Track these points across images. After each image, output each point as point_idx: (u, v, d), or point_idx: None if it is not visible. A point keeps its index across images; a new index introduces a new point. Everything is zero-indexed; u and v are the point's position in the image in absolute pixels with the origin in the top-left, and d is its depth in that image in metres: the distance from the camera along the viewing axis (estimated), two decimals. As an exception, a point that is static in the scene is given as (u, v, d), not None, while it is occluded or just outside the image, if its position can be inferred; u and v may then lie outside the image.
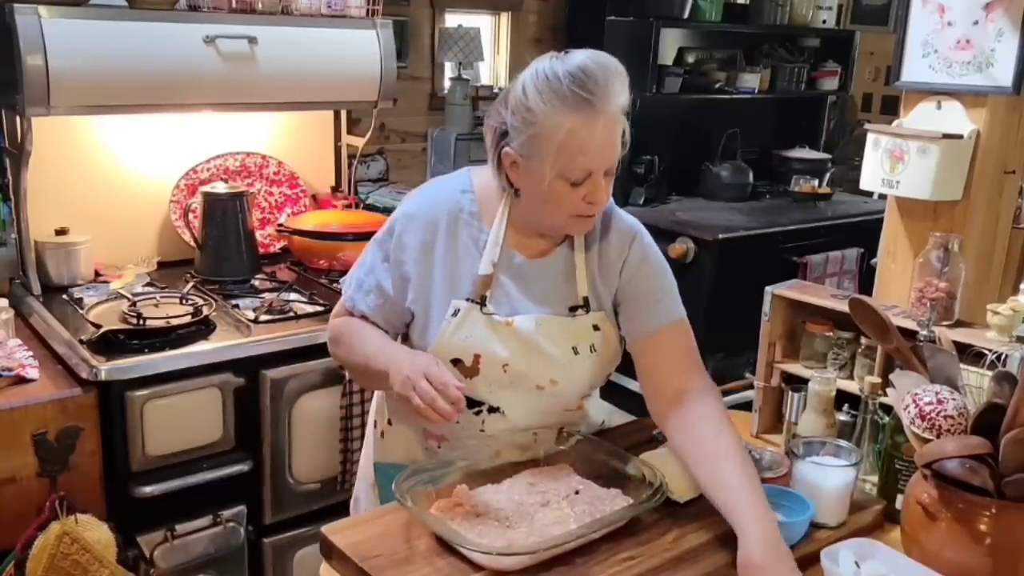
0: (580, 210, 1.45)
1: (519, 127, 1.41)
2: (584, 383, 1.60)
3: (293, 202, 2.95)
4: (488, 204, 1.54)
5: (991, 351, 1.46)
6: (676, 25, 4.30)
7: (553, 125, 1.37)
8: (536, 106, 1.38)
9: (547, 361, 1.54)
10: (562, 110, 1.36)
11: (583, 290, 1.56)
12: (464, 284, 1.51)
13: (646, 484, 1.46)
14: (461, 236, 1.53)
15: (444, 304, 1.51)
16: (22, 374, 2.04)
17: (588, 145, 1.38)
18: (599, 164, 1.41)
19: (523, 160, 1.43)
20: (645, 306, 1.57)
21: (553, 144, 1.38)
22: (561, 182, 1.41)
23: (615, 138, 1.41)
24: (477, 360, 1.51)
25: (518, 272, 1.54)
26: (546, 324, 1.53)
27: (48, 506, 1.93)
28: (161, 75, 2.35)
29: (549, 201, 1.44)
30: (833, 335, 1.84)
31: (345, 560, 1.35)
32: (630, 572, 1.33)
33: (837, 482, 1.46)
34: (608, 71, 1.38)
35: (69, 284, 2.48)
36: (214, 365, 2.17)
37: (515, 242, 1.54)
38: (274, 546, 2.35)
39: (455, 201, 1.54)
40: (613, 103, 1.38)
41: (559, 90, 1.36)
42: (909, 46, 2.17)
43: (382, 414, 1.71)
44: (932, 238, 1.79)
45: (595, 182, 1.42)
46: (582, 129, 1.37)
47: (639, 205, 4.21)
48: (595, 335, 1.57)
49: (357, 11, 2.74)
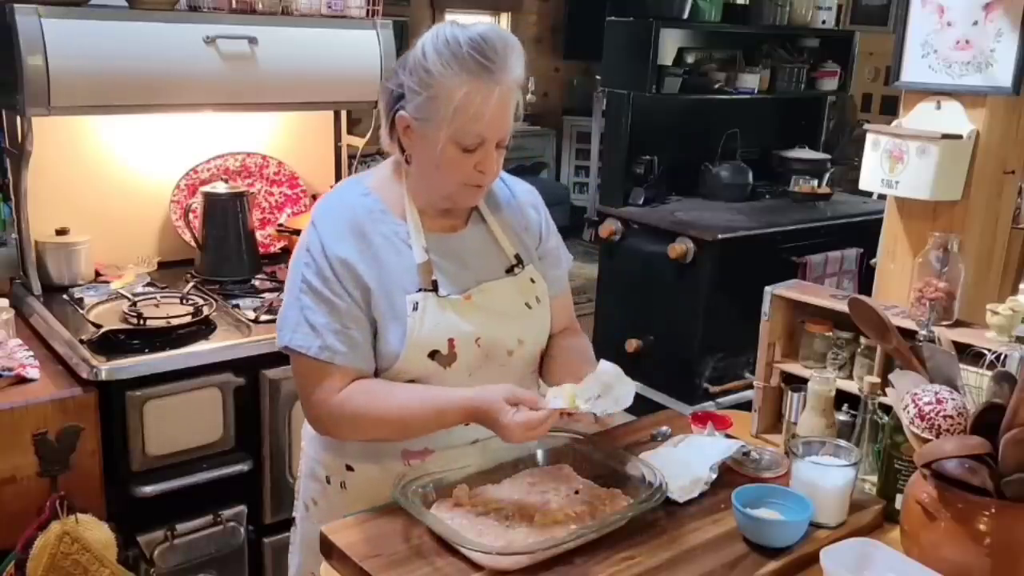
0: (471, 179, 1.48)
1: (416, 89, 1.43)
2: (543, 335, 1.64)
3: (293, 202, 2.95)
4: (388, 199, 1.54)
5: (990, 351, 1.46)
6: (676, 25, 4.30)
7: (450, 87, 1.40)
8: (435, 68, 1.40)
9: (510, 322, 1.57)
10: (460, 74, 1.39)
11: (511, 248, 1.61)
12: (406, 278, 1.50)
13: (646, 484, 1.46)
14: (380, 234, 1.51)
15: (395, 304, 1.48)
16: (22, 374, 2.05)
17: (483, 111, 1.41)
18: (492, 133, 1.44)
19: (418, 123, 1.44)
20: (553, 269, 1.69)
21: (449, 107, 1.40)
22: (454, 148, 1.44)
23: (509, 110, 1.45)
24: (452, 344, 1.50)
25: (447, 250, 1.55)
26: (496, 288, 1.57)
27: (48, 506, 1.93)
28: (161, 75, 2.35)
29: (441, 167, 1.46)
30: (833, 335, 1.84)
31: (345, 560, 1.35)
32: (630, 572, 1.33)
33: (836, 482, 1.46)
34: (507, 43, 1.43)
35: (69, 284, 2.48)
36: (214, 365, 2.17)
37: (428, 225, 1.55)
38: (274, 546, 2.35)
39: (360, 205, 1.53)
40: (511, 74, 1.42)
41: (459, 54, 1.40)
42: (909, 46, 2.17)
43: (333, 466, 1.60)
44: (931, 238, 1.79)
45: (487, 151, 1.46)
46: (478, 95, 1.40)
47: (639, 205, 4.21)
48: (535, 287, 1.62)
49: (357, 11, 2.74)
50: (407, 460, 1.54)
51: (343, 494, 1.58)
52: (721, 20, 4.40)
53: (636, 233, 4.14)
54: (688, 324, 3.89)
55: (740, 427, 1.85)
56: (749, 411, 1.97)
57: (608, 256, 4.32)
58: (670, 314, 3.97)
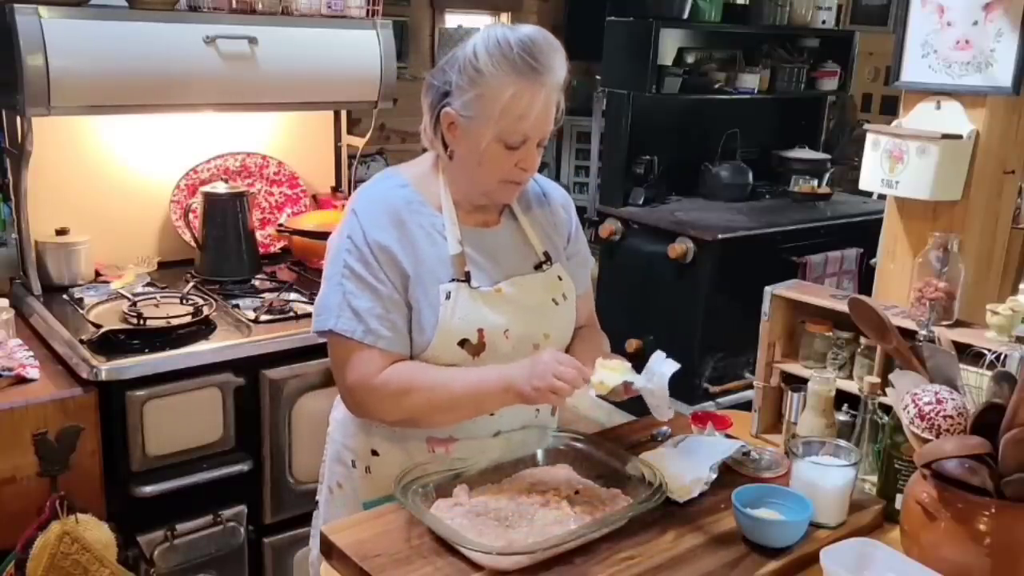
0: (512, 175, 1.53)
1: (464, 87, 1.48)
2: (568, 331, 1.69)
3: (293, 202, 2.95)
4: (426, 192, 1.59)
5: (990, 351, 1.46)
6: (676, 25, 4.30)
7: (499, 86, 1.45)
8: (485, 68, 1.45)
9: (538, 317, 1.61)
10: (510, 73, 1.45)
11: (540, 246, 1.66)
12: (440, 268, 1.54)
13: (646, 484, 1.46)
14: (417, 224, 1.56)
15: (429, 292, 1.53)
16: (22, 374, 2.05)
17: (529, 111, 1.46)
18: (536, 132, 1.50)
19: (463, 120, 1.49)
20: (580, 270, 1.75)
21: (497, 106, 1.46)
22: (498, 145, 1.49)
23: (552, 109, 1.51)
24: (482, 334, 1.54)
25: (480, 244, 1.60)
26: (525, 283, 1.61)
27: (48, 506, 1.93)
28: (161, 75, 2.35)
29: (483, 163, 1.51)
30: (832, 335, 1.84)
31: (345, 560, 1.35)
32: (630, 572, 1.33)
33: (836, 482, 1.46)
34: (552, 46, 1.48)
35: (69, 284, 2.48)
36: (214, 365, 2.17)
37: (463, 219, 1.59)
38: (274, 546, 2.36)
39: (399, 196, 1.58)
40: (555, 75, 1.48)
41: (509, 55, 1.45)
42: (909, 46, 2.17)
43: (360, 450, 1.64)
44: (931, 238, 1.79)
45: (529, 149, 1.51)
46: (525, 94, 1.45)
47: (639, 205, 4.21)
48: (562, 284, 1.67)
49: (357, 11, 2.74)
50: (432, 447, 1.59)
51: (367, 478, 1.64)
52: (721, 20, 4.40)
53: (636, 233, 4.14)
54: (688, 324, 3.89)
55: (740, 427, 1.85)
56: (749, 411, 1.97)
57: (608, 256, 4.32)
58: (670, 314, 3.96)
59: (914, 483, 1.36)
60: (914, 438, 1.35)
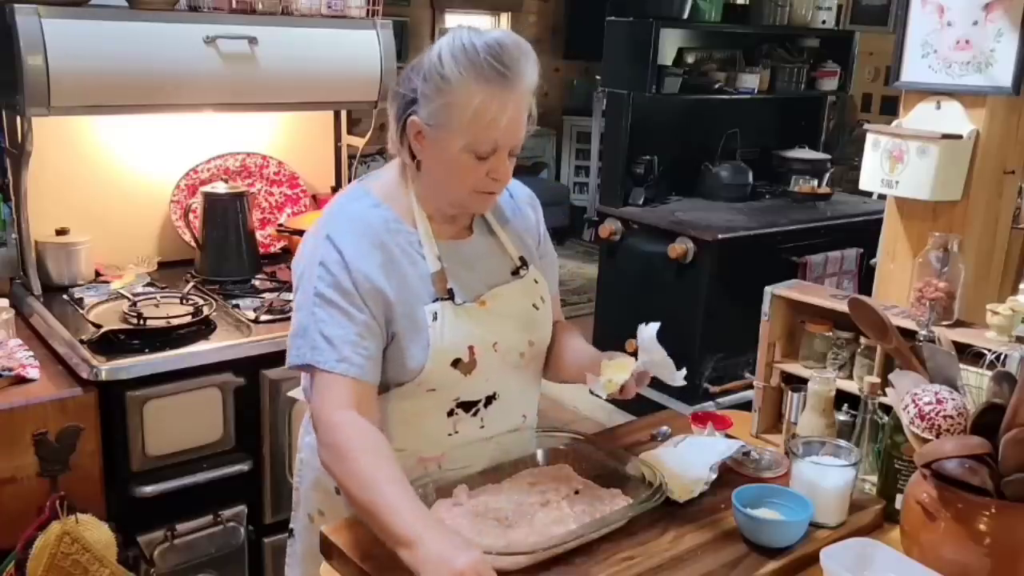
0: (483, 186, 1.46)
1: (430, 95, 1.40)
2: (548, 334, 1.65)
3: (293, 202, 2.95)
4: (398, 207, 1.51)
5: (990, 351, 1.46)
6: (676, 25, 4.30)
7: (466, 94, 1.38)
8: (452, 75, 1.38)
9: (522, 325, 1.58)
10: (477, 80, 1.38)
11: (515, 251, 1.61)
12: (422, 287, 1.48)
13: (646, 484, 1.46)
14: (398, 246, 1.49)
15: (415, 316, 1.47)
16: (22, 374, 2.05)
17: (499, 119, 1.39)
18: (506, 140, 1.43)
19: (430, 129, 1.42)
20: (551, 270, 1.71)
21: (465, 115, 1.39)
22: (468, 155, 1.42)
23: (523, 117, 1.44)
24: (472, 352, 1.50)
25: (456, 257, 1.54)
26: (506, 292, 1.57)
27: (48, 506, 1.93)
28: (161, 75, 2.35)
29: (453, 174, 1.45)
30: (832, 335, 1.84)
31: (345, 560, 1.35)
32: (629, 572, 1.33)
33: (836, 482, 1.46)
34: (522, 50, 1.41)
35: (69, 284, 2.48)
36: (214, 365, 2.17)
37: (437, 232, 1.53)
38: (274, 546, 2.35)
39: (376, 217, 1.49)
40: (525, 82, 1.41)
41: (476, 61, 1.38)
42: (909, 46, 2.17)
43: None
44: (931, 238, 1.79)
45: (500, 158, 1.44)
46: (494, 102, 1.38)
47: (639, 205, 4.22)
48: (539, 288, 1.63)
49: (357, 11, 2.74)
50: (424, 465, 1.53)
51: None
52: (721, 20, 4.40)
53: (636, 233, 4.14)
54: (688, 324, 3.89)
55: (740, 427, 1.85)
56: (749, 411, 1.96)
57: (608, 256, 4.32)
58: (670, 314, 3.93)
59: (914, 483, 1.36)
60: (914, 438, 1.35)
